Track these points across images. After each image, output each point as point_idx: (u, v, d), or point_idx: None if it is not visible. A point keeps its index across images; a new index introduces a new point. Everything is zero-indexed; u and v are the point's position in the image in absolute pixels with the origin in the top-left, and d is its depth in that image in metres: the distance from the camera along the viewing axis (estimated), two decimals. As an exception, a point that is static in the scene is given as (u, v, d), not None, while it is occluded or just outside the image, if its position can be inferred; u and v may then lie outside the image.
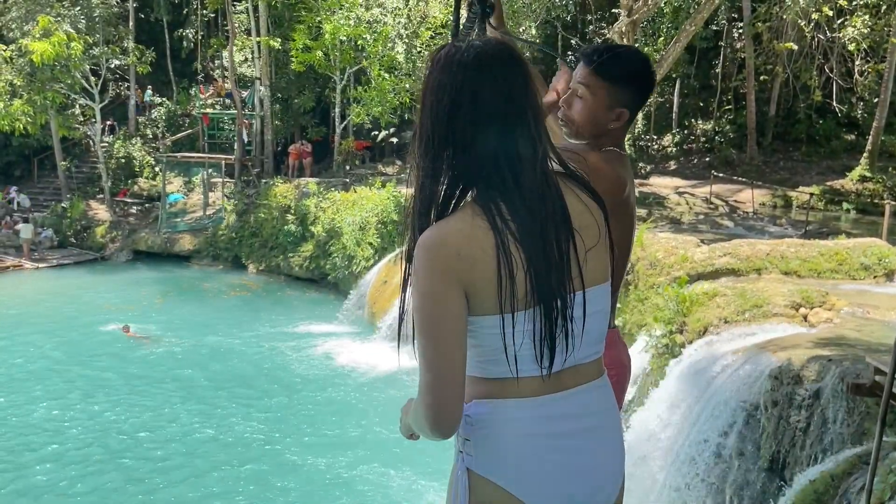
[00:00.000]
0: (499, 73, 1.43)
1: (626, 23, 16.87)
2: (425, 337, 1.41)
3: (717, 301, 8.58)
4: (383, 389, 12.68)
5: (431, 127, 1.44)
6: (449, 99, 1.42)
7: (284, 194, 21.76)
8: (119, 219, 24.38)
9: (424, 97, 1.46)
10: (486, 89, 1.42)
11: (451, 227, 1.42)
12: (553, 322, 1.44)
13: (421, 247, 1.41)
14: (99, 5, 24.87)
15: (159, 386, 12.82)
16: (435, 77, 1.45)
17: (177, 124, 28.05)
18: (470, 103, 1.42)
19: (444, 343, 1.40)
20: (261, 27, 24.69)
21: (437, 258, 1.40)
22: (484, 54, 1.44)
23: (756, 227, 15.42)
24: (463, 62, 1.43)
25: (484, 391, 1.49)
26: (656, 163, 23.37)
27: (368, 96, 22.81)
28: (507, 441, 1.47)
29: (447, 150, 1.44)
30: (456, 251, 1.39)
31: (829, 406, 5.63)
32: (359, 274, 18.04)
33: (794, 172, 21.27)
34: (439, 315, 1.40)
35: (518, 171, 1.43)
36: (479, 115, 1.42)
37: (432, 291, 1.40)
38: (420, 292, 1.41)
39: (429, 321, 1.41)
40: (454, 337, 1.41)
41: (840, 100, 22.13)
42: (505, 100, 1.43)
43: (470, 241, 1.40)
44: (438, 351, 1.40)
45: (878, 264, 9.79)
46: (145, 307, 17.77)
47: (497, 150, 1.43)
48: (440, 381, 1.40)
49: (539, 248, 1.42)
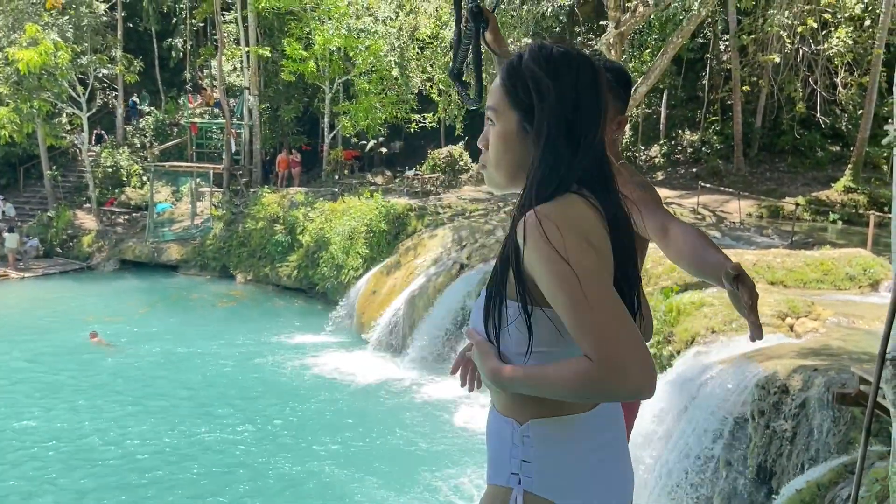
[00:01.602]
0: (602, 78, 1.49)
1: (613, 35, 17.02)
2: (596, 297, 1.30)
3: (704, 311, 8.63)
4: (372, 400, 12.64)
5: (558, 123, 1.44)
6: (576, 98, 1.44)
7: (273, 204, 21.73)
8: (106, 228, 24.24)
9: (545, 94, 1.44)
10: (601, 92, 1.47)
11: (568, 204, 1.41)
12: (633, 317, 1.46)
13: (546, 216, 1.36)
14: (87, 14, 24.82)
15: (137, 396, 12.62)
16: (560, 75, 1.45)
17: (165, 133, 27.98)
18: (592, 107, 1.45)
19: (614, 295, 1.32)
20: (250, 37, 24.72)
21: (568, 220, 1.37)
22: (590, 60, 1.49)
23: (743, 237, 15.53)
24: (582, 64, 1.46)
25: (540, 408, 1.45)
26: (644, 173, 23.50)
27: (355, 109, 22.91)
28: (571, 458, 1.45)
29: (569, 148, 1.44)
30: (583, 220, 1.39)
31: (815, 415, 5.67)
32: (347, 284, 18.01)
33: (781, 183, 21.45)
34: (594, 268, 1.32)
35: (611, 176, 1.49)
36: (594, 117, 1.45)
37: (581, 250, 1.33)
38: (568, 255, 1.32)
39: (587, 276, 1.31)
40: (613, 290, 1.34)
41: (824, 111, 22.37)
42: (606, 105, 1.49)
43: (590, 221, 1.41)
44: (614, 306, 1.30)
45: (863, 274, 9.89)
46: (129, 317, 17.63)
47: (603, 155, 1.48)
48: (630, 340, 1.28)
49: (628, 251, 1.48)
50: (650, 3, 16.59)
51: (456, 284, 13.95)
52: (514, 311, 1.44)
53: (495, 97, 1.50)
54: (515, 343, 1.44)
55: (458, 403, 11.86)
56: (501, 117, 1.49)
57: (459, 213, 18.42)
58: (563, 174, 1.43)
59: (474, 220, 17.21)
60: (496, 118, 1.50)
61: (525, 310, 1.42)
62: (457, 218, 17.78)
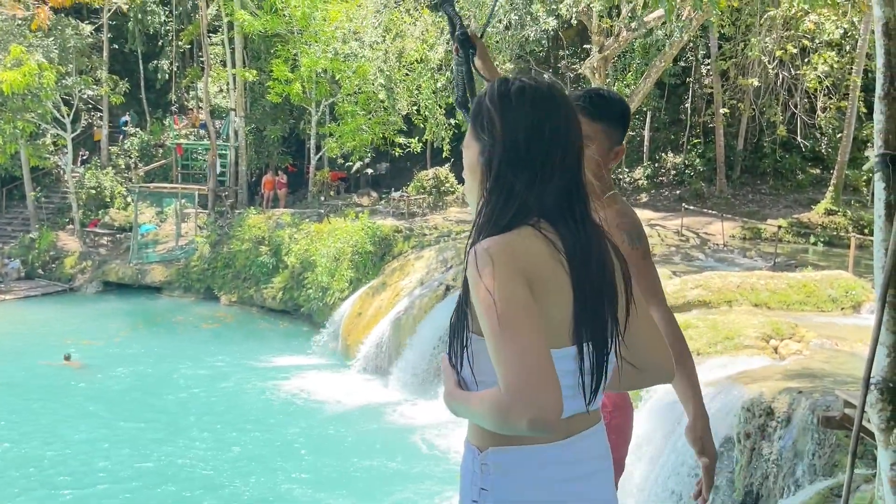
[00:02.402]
0: (569, 110, 1.50)
1: (597, 59, 17.24)
2: (510, 329, 1.31)
3: (689, 333, 8.67)
4: (356, 423, 12.54)
5: (506, 156, 1.45)
6: (528, 132, 1.45)
7: (258, 225, 21.66)
8: (89, 249, 24.03)
9: (494, 127, 1.46)
10: (561, 124, 1.47)
11: (514, 236, 1.41)
12: (601, 359, 1.46)
13: (485, 249, 1.38)
14: (72, 36, 24.80)
15: (111, 419, 12.43)
16: (509, 109, 1.46)
17: (150, 154, 27.88)
18: (549, 139, 1.45)
19: (533, 330, 1.32)
20: (236, 59, 24.79)
21: (503, 254, 1.37)
22: (555, 91, 1.50)
23: (727, 259, 15.64)
24: (538, 97, 1.47)
25: (503, 437, 1.43)
26: (628, 195, 23.69)
27: (341, 131, 22.99)
28: (529, 489, 1.44)
29: (520, 180, 1.45)
30: (522, 253, 1.39)
31: (800, 438, 5.70)
32: (333, 305, 17.93)
33: (763, 205, 21.69)
34: (517, 301, 1.33)
35: (581, 209, 1.48)
36: (554, 149, 1.45)
37: (506, 283, 1.34)
38: (493, 287, 1.34)
39: (507, 309, 1.32)
40: (537, 325, 1.34)
41: (805, 135, 22.70)
42: (574, 137, 1.49)
43: (535, 255, 1.40)
44: (527, 340, 1.31)
45: (846, 296, 9.99)
46: (110, 339, 17.41)
47: (570, 186, 1.47)
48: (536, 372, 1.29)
49: (595, 286, 1.45)
50: (633, 28, 16.84)
51: (442, 306, 13.92)
52: (475, 342, 1.45)
53: (469, 128, 1.55)
54: (471, 371, 1.46)
55: (441, 427, 11.79)
56: (468, 149, 1.53)
57: (445, 234, 18.45)
58: (518, 207, 1.44)
59: (460, 242, 17.24)
60: (465, 149, 1.55)
61: (466, 338, 1.46)
62: (443, 239, 17.81)
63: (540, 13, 17.49)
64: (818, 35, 19.96)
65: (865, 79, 19.03)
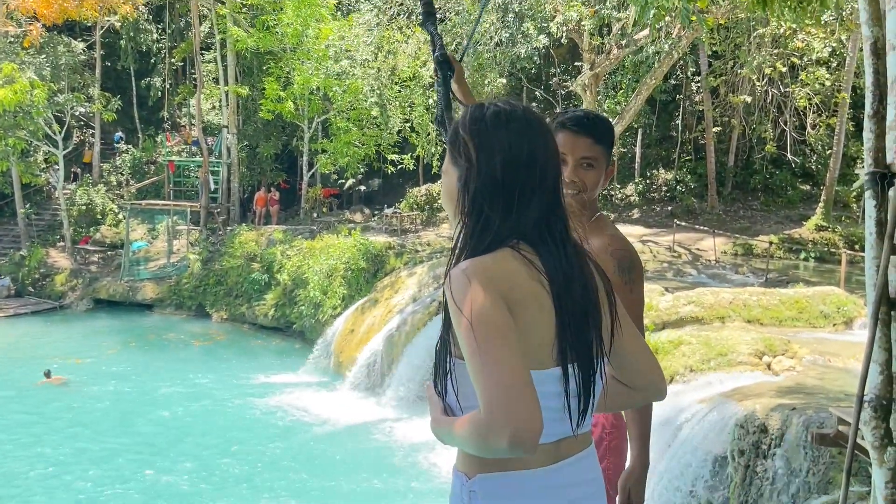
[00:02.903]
0: (545, 133, 1.50)
1: (588, 76, 17.35)
2: (486, 348, 1.31)
3: (682, 350, 8.67)
4: (348, 441, 12.44)
5: (483, 181, 1.45)
6: (504, 158, 1.44)
7: (250, 242, 21.61)
8: (80, 267, 23.90)
9: (470, 153, 1.46)
10: (537, 147, 1.47)
11: (491, 258, 1.42)
12: (587, 380, 1.45)
13: (462, 271, 1.38)
14: (65, 53, 24.83)
15: (103, 438, 12.31)
16: (485, 135, 1.46)
17: (142, 171, 27.85)
18: (526, 164, 1.45)
19: (510, 349, 1.31)
20: (229, 76, 24.84)
21: (480, 276, 1.37)
22: (530, 115, 1.50)
23: (719, 275, 15.68)
24: (513, 121, 1.47)
25: (490, 462, 1.43)
26: (620, 211, 23.77)
27: (334, 147, 23.02)
28: None
29: (498, 204, 1.44)
30: (500, 275, 1.39)
31: (794, 455, 5.69)
32: (325, 322, 17.86)
33: (754, 221, 21.79)
34: (494, 322, 1.33)
35: (561, 230, 1.48)
36: (531, 172, 1.45)
37: (483, 303, 1.34)
38: (469, 308, 1.34)
39: (485, 331, 1.32)
40: (515, 345, 1.33)
41: (795, 151, 22.87)
42: (551, 159, 1.49)
43: (513, 277, 1.40)
44: (504, 359, 1.30)
45: (837, 312, 10.02)
46: (99, 357, 17.26)
47: (548, 207, 1.47)
48: (514, 393, 1.28)
49: (578, 306, 1.45)
50: (624, 46, 16.96)
51: (434, 322, 13.88)
52: (457, 366, 1.44)
53: (446, 154, 1.55)
54: (456, 397, 1.46)
55: (434, 445, 11.72)
56: (446, 175, 1.54)
57: (438, 251, 18.45)
58: (497, 230, 1.44)
59: (453, 259, 17.22)
60: (444, 175, 1.55)
61: (449, 364, 1.45)
62: (435, 256, 17.80)
63: (531, 31, 17.60)
64: (807, 53, 20.16)
65: (854, 96, 19.22)
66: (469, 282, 1.36)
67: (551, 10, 16.80)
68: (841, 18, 16.53)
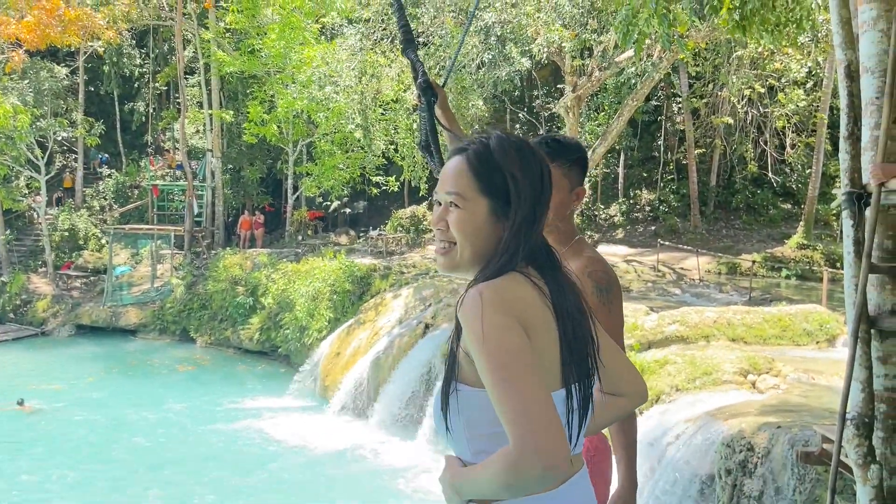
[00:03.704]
0: (547, 165, 1.57)
1: (571, 98, 17.53)
2: (510, 376, 1.32)
3: (668, 369, 8.70)
4: (334, 465, 12.32)
5: (524, 215, 1.49)
6: (537, 189, 1.51)
7: (235, 265, 21.50)
8: (62, 292, 23.66)
9: (517, 184, 1.49)
10: (548, 179, 1.54)
11: (508, 282, 1.45)
12: (586, 401, 1.49)
13: (480, 295, 1.40)
14: (48, 79, 24.78)
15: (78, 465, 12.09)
16: (525, 165, 1.51)
17: (125, 196, 27.71)
18: (546, 192, 1.53)
19: (532, 375, 1.33)
20: (213, 100, 24.87)
21: (498, 299, 1.39)
22: (537, 150, 1.57)
23: (703, 294, 15.78)
24: (533, 152, 1.54)
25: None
26: (604, 232, 23.92)
27: (318, 170, 23.05)
28: None
29: (530, 234, 1.50)
30: (517, 299, 1.42)
31: (780, 474, 5.70)
32: (311, 346, 17.75)
33: (737, 240, 21.99)
34: (517, 349, 1.34)
35: (553, 254, 1.55)
36: (547, 201, 1.53)
37: (502, 328, 1.35)
38: (489, 333, 1.35)
39: (508, 358, 1.33)
40: (536, 369, 1.35)
41: (775, 171, 23.17)
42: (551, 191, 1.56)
43: (528, 300, 1.44)
44: (529, 386, 1.31)
45: (820, 330, 10.11)
46: (79, 383, 17.01)
47: (544, 238, 1.55)
48: (543, 420, 1.29)
49: (577, 328, 1.50)
50: (605, 68, 17.18)
51: (422, 344, 13.85)
52: (464, 393, 1.44)
53: (461, 183, 1.50)
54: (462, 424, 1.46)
55: (420, 469, 11.64)
56: (470, 204, 1.50)
57: (424, 272, 18.44)
58: (517, 256, 1.48)
59: (438, 280, 17.24)
60: (462, 203, 1.50)
61: (448, 388, 1.45)
62: (421, 277, 17.80)
63: (513, 54, 17.79)
64: (785, 74, 20.51)
65: (832, 116, 19.53)
66: (487, 306, 1.38)
67: (533, 33, 17.01)
68: (817, 40, 16.85)
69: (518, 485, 1.32)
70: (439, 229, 1.54)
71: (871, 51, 3.52)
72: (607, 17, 15.37)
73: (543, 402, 1.31)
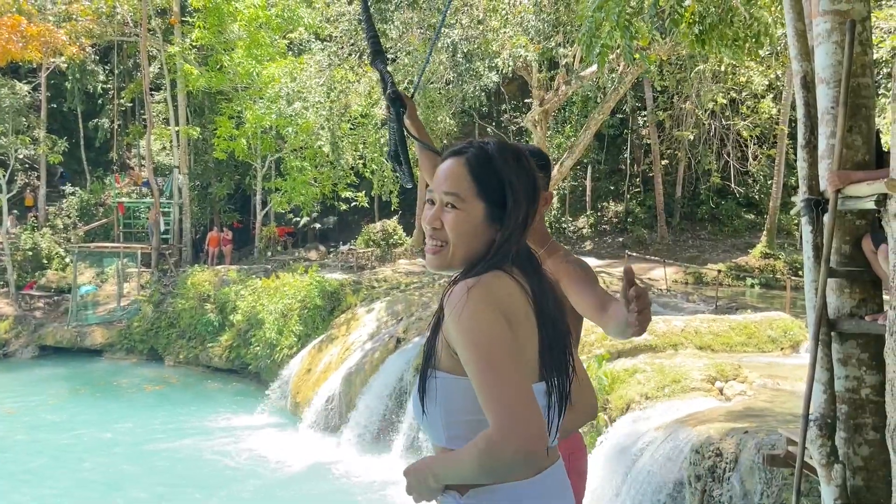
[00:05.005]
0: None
1: (538, 112, 17.73)
2: (494, 365, 1.38)
3: (637, 378, 8.79)
4: (306, 482, 12.19)
5: (519, 218, 1.55)
6: (531, 190, 1.57)
7: (203, 283, 21.25)
8: (25, 313, 23.13)
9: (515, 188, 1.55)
10: (538, 187, 1.61)
11: (493, 277, 1.49)
12: (563, 395, 1.54)
13: (467, 288, 1.45)
14: (8, 96, 24.35)
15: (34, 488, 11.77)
16: (522, 170, 1.57)
17: (90, 214, 27.27)
18: (536, 197, 1.59)
19: (515, 366, 1.40)
20: (180, 116, 24.66)
21: (485, 292, 1.45)
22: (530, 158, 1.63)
23: (670, 303, 15.98)
24: (530, 161, 1.60)
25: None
26: (572, 243, 24.14)
27: (288, 186, 22.94)
28: None
29: (521, 237, 1.56)
30: (503, 293, 1.47)
31: (749, 478, 5.80)
32: (281, 362, 17.57)
33: (703, 250, 22.35)
34: (501, 340, 1.40)
35: (533, 255, 1.61)
36: (535, 208, 1.59)
37: (488, 320, 1.41)
38: (475, 325, 1.40)
39: (493, 347, 1.39)
40: (519, 361, 1.42)
41: (738, 182, 23.64)
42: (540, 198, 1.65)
43: (512, 296, 1.49)
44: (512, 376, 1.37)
45: (784, 336, 10.31)
46: (41, 405, 16.59)
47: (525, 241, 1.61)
48: (524, 406, 1.35)
49: (556, 326, 1.55)
50: (571, 82, 17.41)
51: (393, 359, 13.81)
52: (442, 379, 1.49)
53: (460, 185, 1.54)
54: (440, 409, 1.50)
55: (392, 484, 11.57)
56: (467, 205, 1.54)
57: (395, 286, 18.42)
58: (507, 258, 1.54)
59: (410, 294, 17.23)
60: (459, 204, 1.54)
61: (426, 374, 1.50)
62: (392, 292, 17.77)
63: (481, 69, 17.95)
64: (746, 87, 20.98)
65: (792, 127, 20.01)
66: (474, 298, 1.43)
67: (498, 48, 17.18)
68: (776, 54, 17.28)
69: (497, 468, 1.37)
70: (434, 228, 1.57)
71: (825, 62, 3.64)
72: (572, 30, 15.60)
73: (525, 390, 1.37)
